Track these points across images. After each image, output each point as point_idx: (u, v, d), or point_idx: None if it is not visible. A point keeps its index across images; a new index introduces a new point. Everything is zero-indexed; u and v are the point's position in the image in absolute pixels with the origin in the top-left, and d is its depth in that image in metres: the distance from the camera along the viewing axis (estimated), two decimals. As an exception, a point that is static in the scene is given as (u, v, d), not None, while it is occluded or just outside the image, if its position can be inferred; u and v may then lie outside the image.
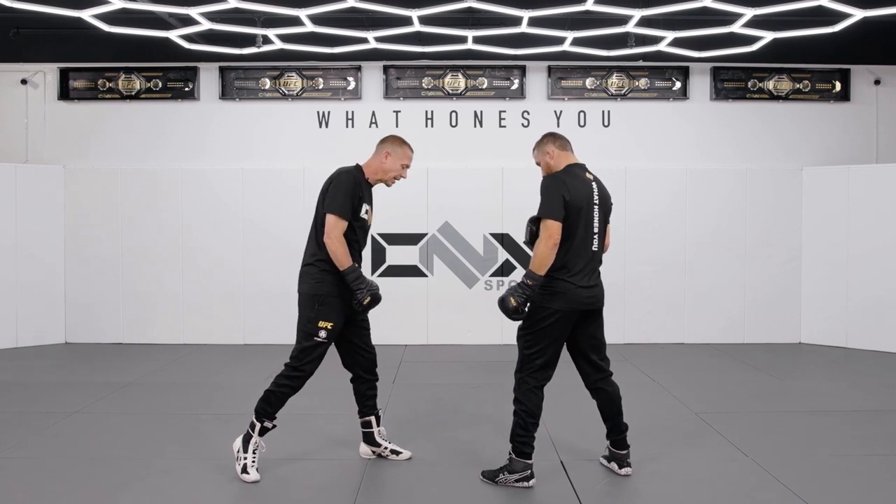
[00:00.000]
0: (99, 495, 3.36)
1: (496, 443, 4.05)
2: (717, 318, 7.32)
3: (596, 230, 3.42)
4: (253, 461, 3.49)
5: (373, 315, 7.38)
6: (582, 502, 3.30)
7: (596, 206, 3.42)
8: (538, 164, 3.61)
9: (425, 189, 7.24)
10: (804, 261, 7.29)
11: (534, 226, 3.42)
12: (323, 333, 3.43)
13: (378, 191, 3.76)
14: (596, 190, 3.45)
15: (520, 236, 7.21)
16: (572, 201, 3.31)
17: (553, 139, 3.55)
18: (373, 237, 7.25)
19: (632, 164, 7.40)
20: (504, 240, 7.28)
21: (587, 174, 3.48)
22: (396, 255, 7.29)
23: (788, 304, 7.31)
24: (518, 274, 7.26)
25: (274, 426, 3.53)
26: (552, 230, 3.27)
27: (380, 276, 7.26)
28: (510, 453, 3.45)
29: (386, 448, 3.77)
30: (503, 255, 7.30)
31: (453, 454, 3.95)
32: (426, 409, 4.89)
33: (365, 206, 3.53)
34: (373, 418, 3.74)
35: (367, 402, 3.73)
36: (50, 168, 7.28)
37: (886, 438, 4.20)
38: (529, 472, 3.42)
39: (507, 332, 6.45)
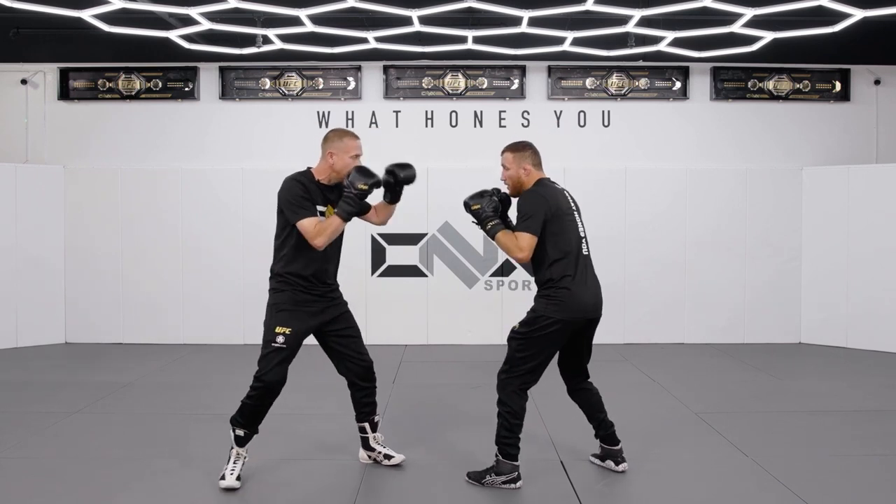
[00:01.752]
0: (99, 495, 3.37)
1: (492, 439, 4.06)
2: (717, 318, 7.32)
3: (582, 234, 3.48)
4: (232, 470, 3.40)
5: (373, 315, 7.34)
6: (582, 502, 3.30)
7: (575, 213, 3.49)
8: (505, 168, 3.55)
9: (425, 189, 7.23)
10: (804, 261, 7.29)
11: (496, 197, 3.51)
12: (280, 339, 3.33)
13: (378, 191, 3.73)
14: (570, 197, 3.52)
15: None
16: (556, 213, 3.36)
17: (533, 155, 3.52)
18: (372, 237, 7.25)
19: (632, 164, 7.40)
20: (504, 240, 7.27)
21: (556, 185, 3.53)
22: (396, 255, 7.29)
23: (788, 304, 7.31)
24: (518, 273, 7.26)
25: (248, 434, 3.43)
26: (525, 243, 3.30)
27: (380, 276, 7.27)
28: (497, 455, 3.44)
29: (379, 453, 3.72)
30: (503, 255, 7.29)
31: (454, 455, 3.95)
32: (426, 409, 4.89)
33: (320, 209, 3.42)
34: (367, 425, 3.69)
35: (363, 409, 3.68)
36: (50, 168, 7.28)
37: (886, 438, 4.20)
38: (516, 473, 3.42)
39: (507, 332, 6.38)
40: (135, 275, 7.26)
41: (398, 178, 3.56)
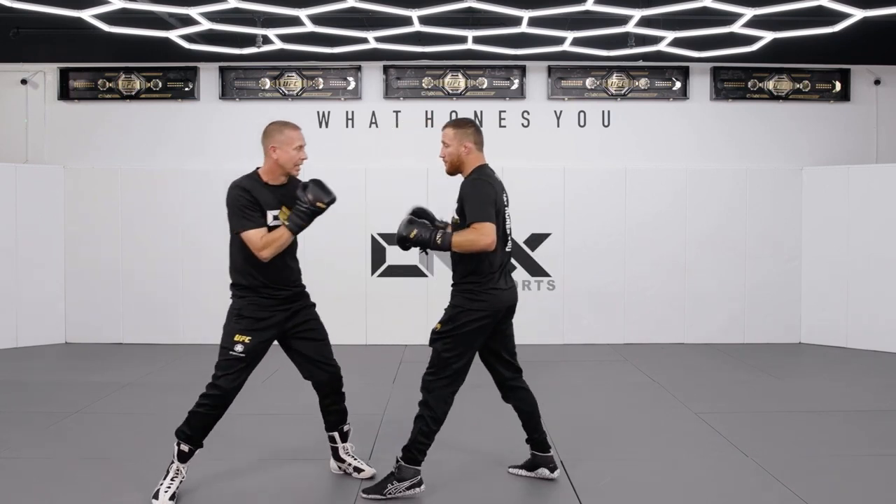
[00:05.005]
0: (99, 495, 3.37)
1: (496, 440, 4.06)
2: (717, 318, 7.32)
3: (509, 232, 3.40)
4: (168, 487, 3.21)
5: (373, 315, 7.28)
6: (582, 502, 3.30)
7: (507, 209, 3.41)
8: (445, 144, 3.39)
9: (425, 189, 7.23)
10: (804, 261, 7.29)
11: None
12: (239, 348, 3.20)
13: (378, 191, 3.73)
14: (505, 192, 3.42)
15: (520, 236, 7.21)
16: (499, 207, 3.26)
17: (475, 133, 3.38)
18: (372, 237, 7.25)
19: (632, 164, 7.40)
20: (504, 240, 7.27)
21: (495, 175, 3.41)
22: (396, 255, 7.28)
23: (788, 304, 7.31)
24: (518, 273, 7.25)
25: (192, 450, 3.26)
26: (489, 230, 3.12)
27: (380, 276, 7.26)
28: (399, 460, 3.26)
29: (349, 465, 3.60)
30: (503, 255, 7.28)
31: (454, 454, 3.95)
32: (426, 409, 4.88)
33: (272, 213, 3.26)
34: (336, 434, 3.57)
35: (329, 416, 3.54)
36: (50, 168, 7.28)
37: (887, 438, 4.20)
38: (419, 478, 3.27)
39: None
40: (135, 275, 7.26)
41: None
